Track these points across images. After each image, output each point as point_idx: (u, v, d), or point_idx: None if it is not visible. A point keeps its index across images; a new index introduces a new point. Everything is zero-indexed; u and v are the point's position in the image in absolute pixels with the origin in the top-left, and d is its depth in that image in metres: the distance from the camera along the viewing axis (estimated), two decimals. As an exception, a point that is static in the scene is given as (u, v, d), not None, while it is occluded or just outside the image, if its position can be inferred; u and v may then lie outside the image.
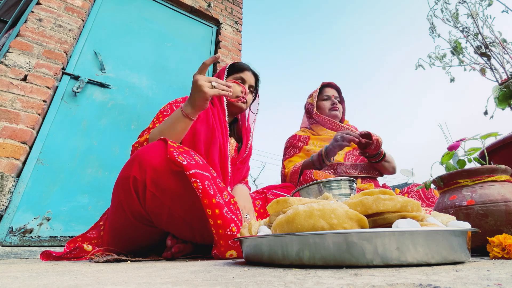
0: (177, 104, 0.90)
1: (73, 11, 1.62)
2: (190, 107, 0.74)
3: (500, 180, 0.49)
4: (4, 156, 1.19)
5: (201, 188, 0.58)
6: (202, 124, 0.88)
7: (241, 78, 1.00)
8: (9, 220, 1.18)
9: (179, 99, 0.93)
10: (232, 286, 0.22)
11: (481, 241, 0.46)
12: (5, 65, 1.31)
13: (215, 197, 0.59)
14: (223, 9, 2.45)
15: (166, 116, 0.86)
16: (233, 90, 0.97)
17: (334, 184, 0.62)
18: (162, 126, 0.77)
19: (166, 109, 0.89)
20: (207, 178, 0.60)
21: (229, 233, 0.58)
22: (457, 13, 0.76)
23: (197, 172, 0.59)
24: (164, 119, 0.85)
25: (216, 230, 0.58)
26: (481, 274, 0.24)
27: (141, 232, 0.68)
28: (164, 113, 0.87)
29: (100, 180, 1.46)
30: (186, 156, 0.60)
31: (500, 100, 0.69)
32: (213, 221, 0.58)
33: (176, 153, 0.59)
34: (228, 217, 0.60)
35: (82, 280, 0.28)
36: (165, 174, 0.60)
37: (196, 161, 0.61)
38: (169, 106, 0.89)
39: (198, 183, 0.57)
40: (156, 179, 0.60)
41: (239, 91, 0.97)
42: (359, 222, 0.33)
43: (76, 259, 0.72)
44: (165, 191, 0.61)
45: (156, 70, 1.90)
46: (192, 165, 0.59)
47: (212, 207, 0.58)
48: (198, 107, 0.74)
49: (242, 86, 0.98)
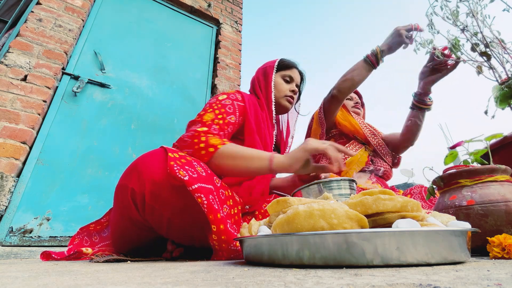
0: (238, 103, 0.83)
1: (73, 11, 1.62)
2: (288, 163, 0.66)
3: (500, 180, 0.49)
4: (4, 156, 1.19)
5: (206, 203, 0.55)
6: (253, 137, 0.82)
7: (289, 76, 0.97)
8: (9, 220, 1.18)
9: (238, 95, 0.86)
10: (232, 286, 0.22)
11: (481, 241, 0.46)
12: (5, 65, 1.31)
13: (219, 212, 0.57)
14: (223, 9, 2.45)
15: (228, 112, 0.79)
16: (280, 88, 0.94)
17: (334, 184, 0.61)
18: (241, 158, 0.67)
19: (228, 104, 0.81)
20: (210, 192, 0.57)
21: (233, 248, 0.57)
22: (457, 11, 0.76)
23: (200, 186, 0.56)
24: (226, 114, 0.78)
25: (219, 244, 0.57)
26: (481, 274, 0.24)
27: (141, 236, 0.68)
28: (226, 108, 0.80)
29: (100, 180, 1.46)
30: (188, 169, 0.57)
31: (500, 100, 0.69)
32: (217, 237, 0.56)
33: (176, 167, 0.56)
34: (232, 232, 0.58)
35: (82, 280, 0.28)
36: (165, 188, 0.58)
37: (198, 172, 0.58)
38: (231, 102, 0.82)
39: (203, 198, 0.55)
40: (155, 192, 0.58)
41: (288, 89, 0.95)
42: (359, 222, 0.33)
43: (76, 259, 0.72)
44: (165, 204, 0.59)
45: (156, 70, 1.90)
46: (194, 178, 0.56)
47: (217, 223, 0.56)
48: (295, 165, 0.66)
49: (290, 85, 0.97)
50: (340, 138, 1.27)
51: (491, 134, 0.57)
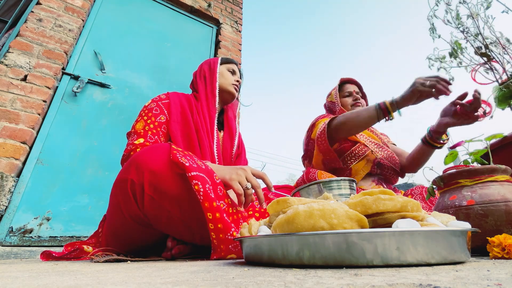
0: (163, 101, 0.88)
1: (73, 11, 1.62)
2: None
3: (500, 180, 0.49)
4: (4, 156, 1.19)
5: (202, 191, 0.57)
6: (178, 125, 0.85)
7: (233, 69, 1.06)
8: (9, 220, 1.18)
9: (163, 95, 0.91)
10: (232, 286, 0.22)
11: (481, 241, 0.46)
12: (5, 65, 1.31)
13: (215, 201, 0.58)
14: (223, 9, 2.45)
15: (156, 114, 0.84)
16: (227, 76, 1.02)
17: (334, 184, 0.62)
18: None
19: (153, 107, 0.86)
20: (207, 182, 0.59)
21: (230, 237, 0.57)
22: (458, 14, 0.76)
23: (198, 175, 0.58)
24: (154, 116, 0.83)
25: (217, 235, 0.57)
26: (481, 274, 0.24)
27: (140, 234, 0.68)
28: (153, 111, 0.84)
29: (100, 180, 1.46)
30: (189, 159, 0.60)
31: (500, 100, 0.69)
32: (213, 225, 0.57)
33: (179, 155, 0.59)
34: (229, 221, 0.59)
35: (82, 280, 0.28)
36: (165, 177, 0.60)
37: (198, 165, 0.61)
38: (156, 104, 0.87)
39: (199, 185, 0.57)
40: (154, 182, 0.59)
41: (233, 79, 1.04)
42: (359, 222, 0.33)
43: (76, 259, 0.72)
44: (163, 194, 0.60)
45: (156, 70, 1.90)
46: (193, 167, 0.58)
47: (212, 210, 0.57)
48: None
49: (235, 75, 1.06)
50: (345, 142, 1.21)
51: (491, 134, 0.57)
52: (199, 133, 0.86)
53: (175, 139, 0.82)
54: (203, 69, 1.04)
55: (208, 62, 1.06)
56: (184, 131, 0.86)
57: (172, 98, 0.91)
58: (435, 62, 0.87)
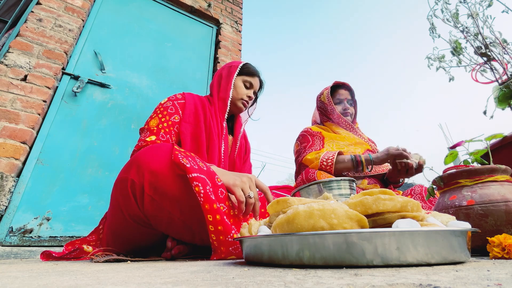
0: (179, 101, 0.89)
1: (73, 11, 1.62)
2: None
3: (500, 180, 0.49)
4: (4, 156, 1.19)
5: (202, 192, 0.56)
6: (190, 126, 0.86)
7: (250, 82, 1.03)
8: (9, 220, 1.18)
9: (179, 95, 0.93)
10: (232, 286, 0.22)
11: (481, 241, 0.46)
12: (5, 65, 1.31)
13: (216, 203, 0.58)
14: (223, 9, 2.45)
15: (171, 113, 0.85)
16: (239, 91, 1.00)
17: (334, 184, 0.61)
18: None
19: (169, 105, 0.88)
20: (208, 184, 0.59)
21: (230, 239, 0.57)
22: (457, 13, 0.76)
23: (199, 176, 0.57)
24: (169, 115, 0.84)
25: (217, 237, 0.57)
26: (481, 274, 0.24)
27: (141, 234, 0.68)
28: (168, 110, 0.86)
29: (100, 180, 1.46)
30: (190, 160, 0.59)
31: (500, 100, 0.69)
32: (213, 227, 0.57)
33: (180, 155, 0.59)
34: (229, 223, 0.58)
35: (82, 280, 0.28)
36: (165, 178, 0.59)
37: (200, 166, 0.60)
38: (172, 103, 0.88)
39: (200, 187, 0.56)
40: (154, 183, 0.59)
41: (245, 94, 1.01)
42: (359, 222, 0.33)
43: (76, 259, 0.72)
44: (164, 195, 0.60)
45: (156, 70, 1.90)
46: (194, 168, 0.58)
47: (213, 212, 0.57)
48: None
49: (248, 91, 1.03)
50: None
51: (491, 134, 0.57)
52: (211, 136, 0.87)
53: (184, 140, 0.83)
54: (222, 74, 1.02)
55: (228, 67, 1.03)
56: (194, 133, 0.86)
57: (187, 99, 0.92)
58: (434, 61, 0.87)
